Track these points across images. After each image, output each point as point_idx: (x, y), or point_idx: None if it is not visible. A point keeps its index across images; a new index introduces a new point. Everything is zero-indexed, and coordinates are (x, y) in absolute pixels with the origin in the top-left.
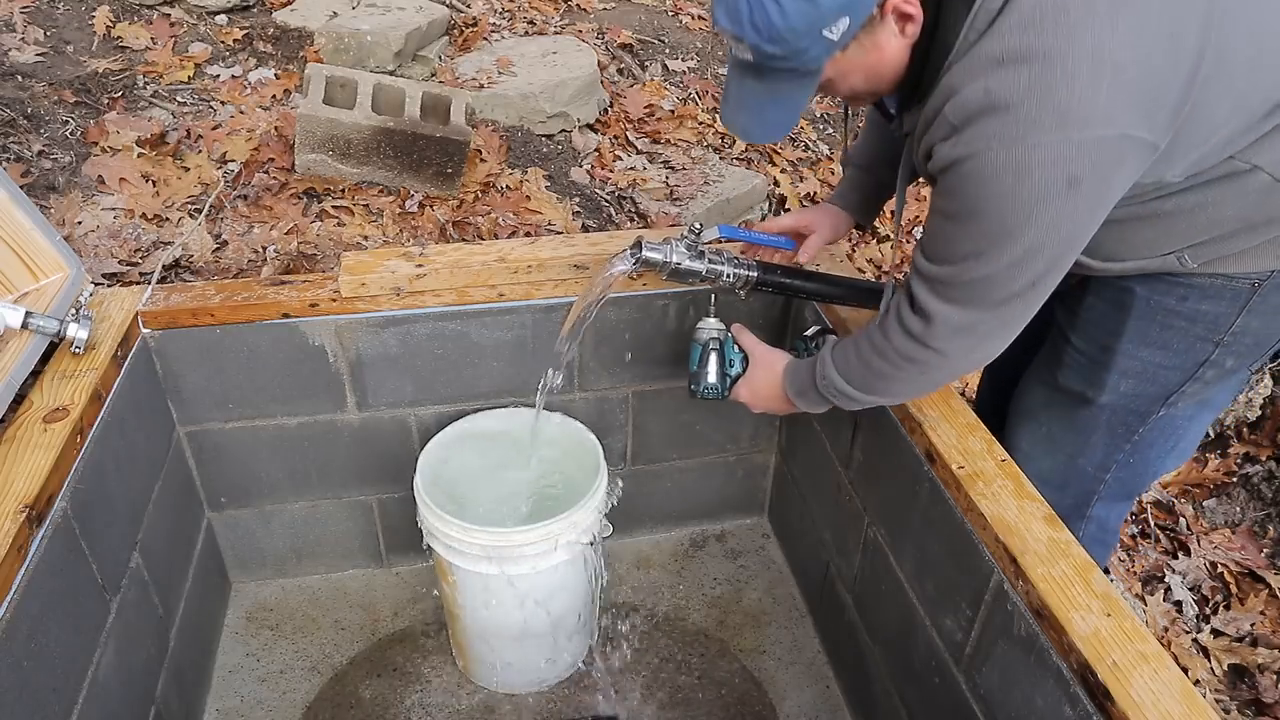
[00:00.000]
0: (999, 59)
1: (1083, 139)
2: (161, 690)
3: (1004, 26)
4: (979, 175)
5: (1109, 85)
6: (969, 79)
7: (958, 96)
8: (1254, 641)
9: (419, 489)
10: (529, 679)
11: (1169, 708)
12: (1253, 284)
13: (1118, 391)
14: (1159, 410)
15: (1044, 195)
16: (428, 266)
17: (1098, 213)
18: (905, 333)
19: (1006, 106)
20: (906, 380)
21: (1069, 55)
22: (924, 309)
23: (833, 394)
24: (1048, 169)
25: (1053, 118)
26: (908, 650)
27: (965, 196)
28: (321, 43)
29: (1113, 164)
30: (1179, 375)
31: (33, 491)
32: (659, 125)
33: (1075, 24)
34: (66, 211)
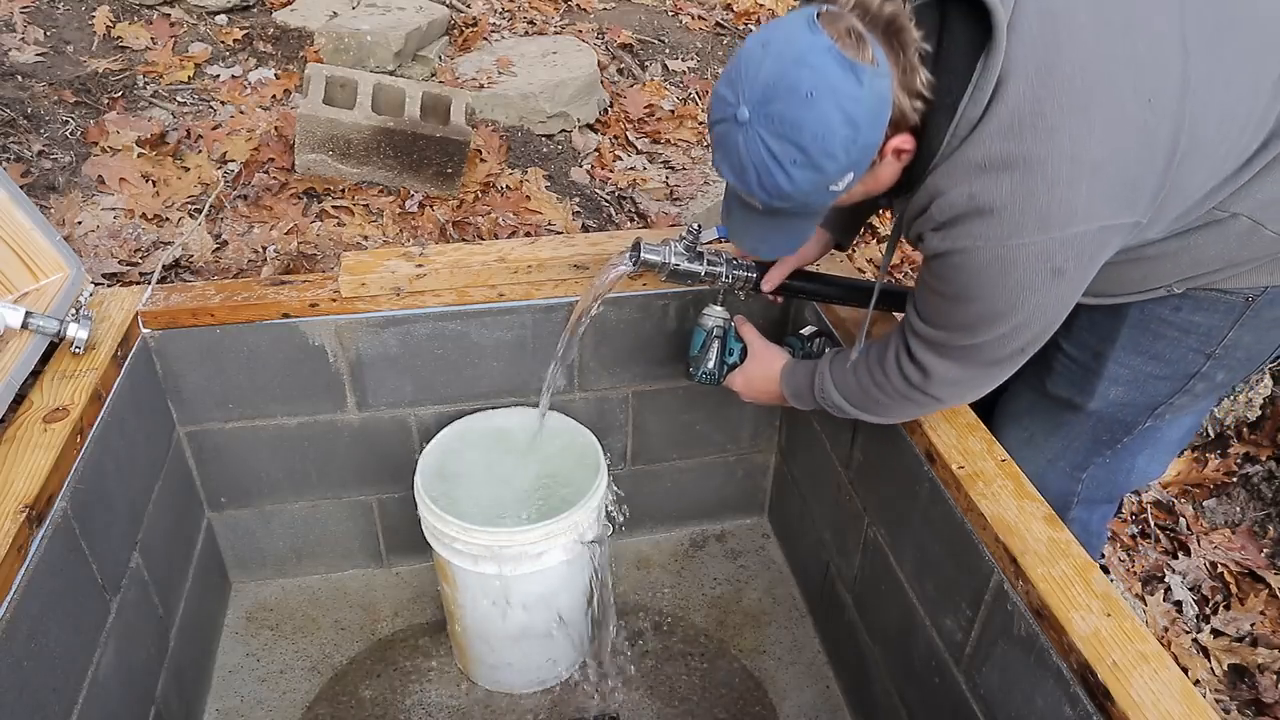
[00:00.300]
0: (981, 165)
1: (1065, 236)
2: (161, 690)
3: (985, 133)
4: (966, 267)
5: (1088, 185)
6: (953, 183)
7: (943, 198)
8: (1254, 641)
9: (419, 489)
10: (529, 679)
11: (1169, 708)
12: (1246, 298)
13: (1107, 399)
14: (1145, 421)
15: (1029, 285)
16: (428, 266)
17: (1081, 288)
18: (904, 378)
19: (991, 210)
20: (902, 410)
21: (1048, 160)
22: (920, 363)
23: (828, 405)
24: (1032, 263)
25: (1035, 220)
26: (908, 650)
27: (954, 283)
28: (321, 43)
29: (1096, 251)
30: (1168, 386)
31: (33, 491)
32: (659, 125)
33: (1053, 128)
34: (66, 211)
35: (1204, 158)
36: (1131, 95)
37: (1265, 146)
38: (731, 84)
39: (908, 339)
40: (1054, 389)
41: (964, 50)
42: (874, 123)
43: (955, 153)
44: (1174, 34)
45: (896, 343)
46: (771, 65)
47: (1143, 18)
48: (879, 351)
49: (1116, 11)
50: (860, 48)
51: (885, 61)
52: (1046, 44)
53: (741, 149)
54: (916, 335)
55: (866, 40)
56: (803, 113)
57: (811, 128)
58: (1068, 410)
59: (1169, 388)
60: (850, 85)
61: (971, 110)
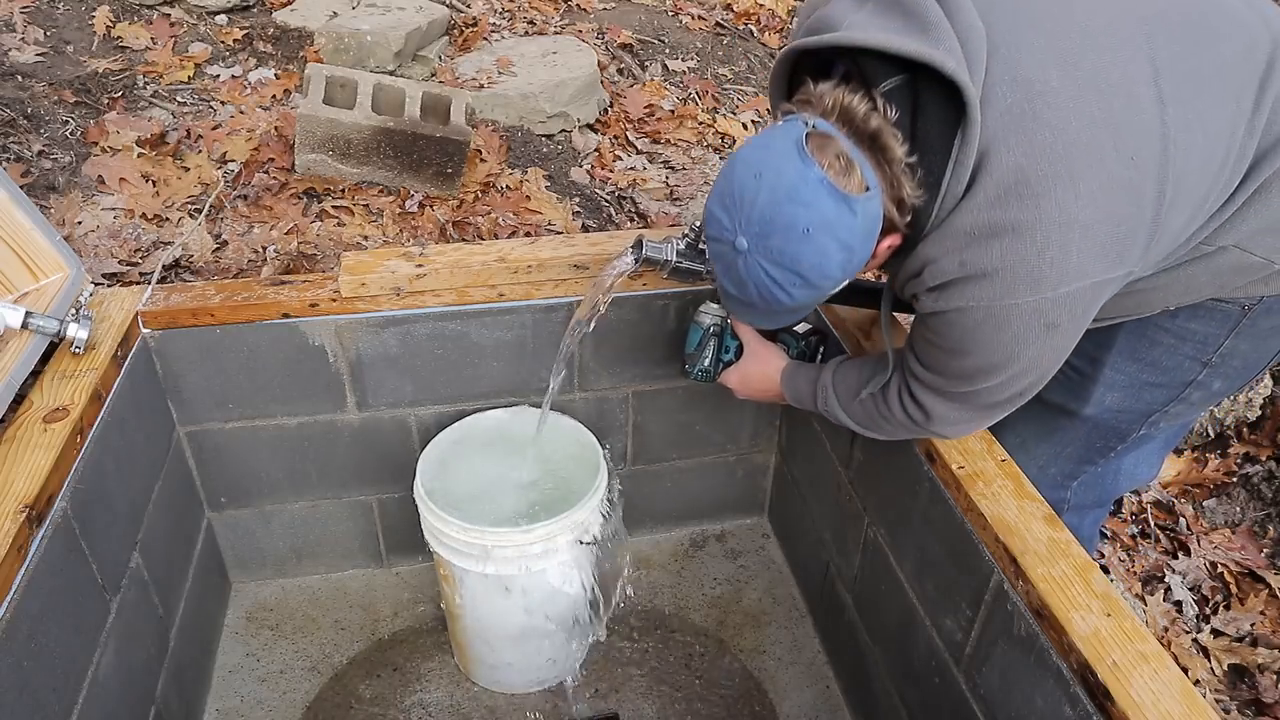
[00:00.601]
0: (971, 234)
1: (1057, 295)
2: (161, 690)
3: (972, 204)
4: (961, 325)
5: (1079, 246)
6: (944, 251)
7: (934, 265)
8: (1254, 641)
9: (419, 489)
10: (529, 679)
11: (1169, 708)
12: (1243, 307)
13: (1103, 405)
14: (1139, 429)
15: (1024, 340)
16: (428, 266)
17: (1077, 337)
18: (906, 415)
19: (983, 275)
20: (906, 436)
21: (1037, 225)
22: (921, 404)
23: (831, 418)
24: (1026, 320)
25: (1027, 283)
26: (908, 650)
27: (949, 338)
28: (321, 43)
29: (1089, 304)
30: (1164, 395)
31: (33, 491)
32: (659, 125)
33: (1039, 195)
34: (66, 211)
35: (1187, 201)
36: (1114, 155)
37: (1245, 181)
38: (726, 209)
39: (908, 380)
40: (1049, 395)
41: (940, 128)
42: (868, 241)
43: (944, 222)
44: (1149, 90)
45: (899, 381)
46: (766, 199)
47: (1117, 78)
48: (883, 385)
49: (1090, 75)
50: (850, 174)
51: (874, 179)
52: (1023, 112)
53: (742, 271)
54: (916, 378)
55: (855, 165)
56: (801, 247)
57: (810, 259)
58: (1062, 416)
59: (1165, 395)
60: (845, 217)
61: (955, 186)
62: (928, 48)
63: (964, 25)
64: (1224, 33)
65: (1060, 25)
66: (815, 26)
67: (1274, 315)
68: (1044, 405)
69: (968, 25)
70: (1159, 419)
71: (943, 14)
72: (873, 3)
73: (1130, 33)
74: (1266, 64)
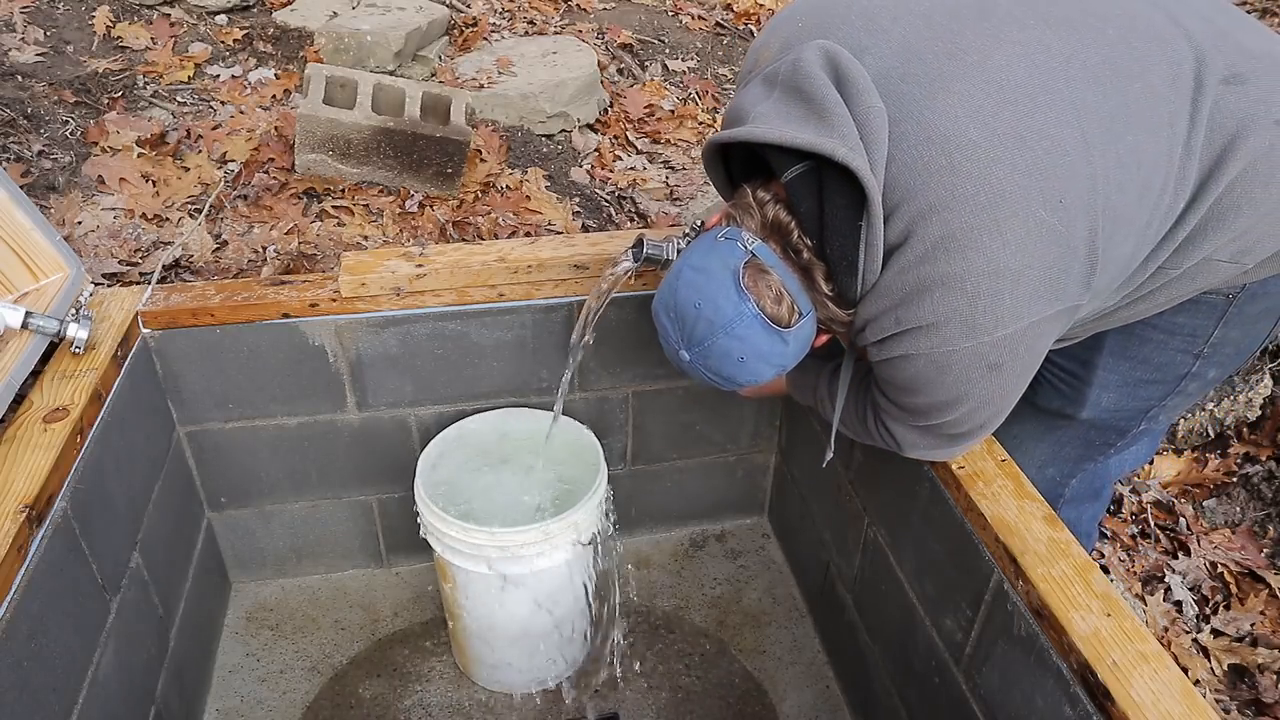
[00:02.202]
0: (903, 291)
1: (995, 339)
2: (161, 690)
3: (902, 262)
4: (906, 371)
5: (1010, 293)
6: (879, 311)
7: (873, 324)
8: (1254, 641)
9: (419, 489)
10: (529, 679)
11: (1169, 708)
12: (1227, 297)
13: (1099, 407)
14: (1139, 425)
15: (969, 380)
16: (428, 266)
17: (1029, 372)
18: (881, 439)
19: (917, 328)
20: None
21: (966, 277)
22: (892, 432)
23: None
24: (966, 364)
25: (962, 331)
26: (908, 650)
27: (899, 380)
28: (321, 43)
29: (1033, 342)
30: (1160, 390)
31: (33, 491)
32: (659, 125)
33: (964, 248)
34: (66, 211)
35: (1128, 232)
36: (1039, 200)
37: (1196, 201)
38: (672, 322)
39: (878, 408)
40: (1044, 402)
41: (846, 213)
42: (800, 354)
43: (876, 285)
44: (1072, 134)
45: (872, 410)
46: (705, 329)
47: (1038, 126)
48: (862, 409)
49: (1010, 126)
50: (782, 304)
51: (806, 303)
52: (941, 168)
53: (688, 369)
54: (881, 409)
55: (787, 296)
56: (737, 369)
57: (745, 377)
58: (1060, 420)
59: (1161, 390)
60: (777, 346)
61: (871, 264)
62: (822, 138)
63: (863, 109)
64: (1148, 60)
65: (975, 85)
66: (730, 118)
67: (1260, 300)
68: (1040, 410)
69: (866, 108)
70: (1157, 413)
71: (840, 100)
72: (779, 90)
73: (1047, 81)
74: (1194, 82)
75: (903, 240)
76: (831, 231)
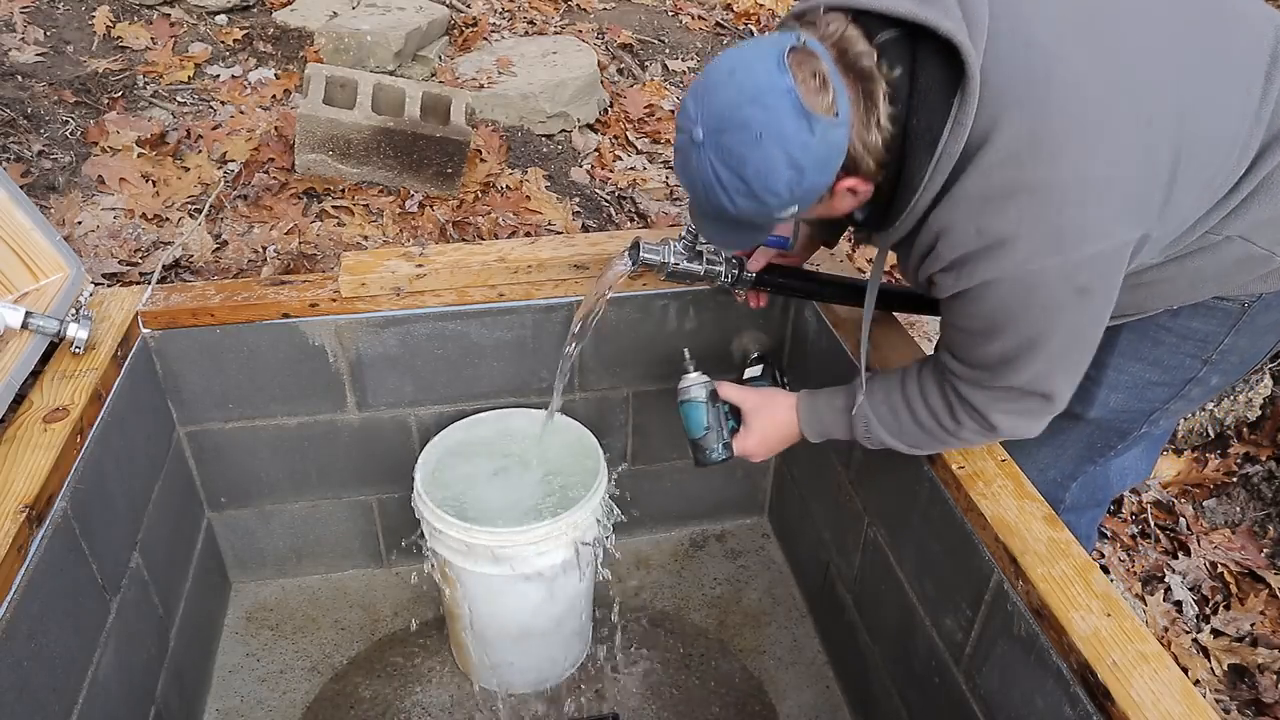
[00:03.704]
0: (985, 197)
1: (1082, 256)
2: (161, 690)
3: (984, 165)
4: (988, 302)
5: (1097, 204)
6: (958, 219)
7: (949, 237)
8: (1254, 641)
9: (419, 489)
10: (529, 679)
11: (1169, 708)
12: (1242, 304)
13: (1107, 407)
14: (1141, 428)
15: (1057, 307)
16: (428, 266)
17: (1111, 304)
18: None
19: (1002, 241)
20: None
21: (1053, 184)
22: (976, 409)
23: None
24: (1055, 285)
25: (1050, 243)
26: (908, 650)
27: (979, 318)
28: (321, 43)
29: (1116, 267)
30: (1166, 392)
31: (33, 491)
32: (659, 125)
33: (1053, 154)
34: (66, 211)
35: (1196, 180)
36: (1131, 118)
37: (1250, 171)
38: (695, 98)
39: (955, 383)
40: None
41: (939, 87)
42: (822, 168)
43: (955, 187)
44: (1168, 62)
45: (951, 391)
46: (732, 95)
47: (1135, 48)
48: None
49: (1108, 44)
50: (822, 95)
51: (847, 111)
52: (1034, 75)
53: (694, 166)
54: (959, 378)
55: (830, 88)
56: (750, 151)
57: (755, 165)
58: (1065, 420)
59: (1167, 393)
60: (801, 133)
61: (952, 145)
62: (925, 9)
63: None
64: (1234, 20)
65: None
66: None
67: (1271, 311)
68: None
69: None
70: (1159, 416)
71: None
72: None
73: (1150, 11)
74: (1271, 56)
75: (986, 139)
76: (920, 101)
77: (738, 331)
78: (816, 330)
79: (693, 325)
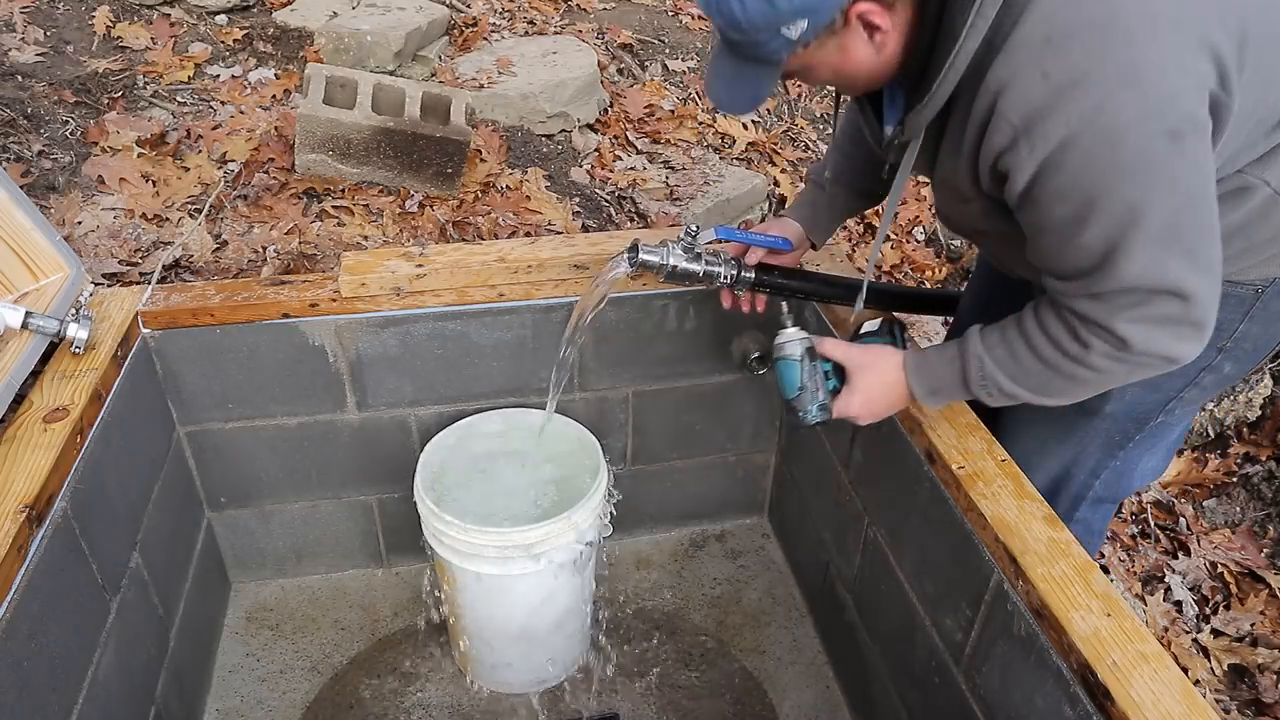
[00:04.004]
0: (1046, 39)
1: (1162, 93)
2: (161, 690)
3: (1041, 9)
4: (1070, 168)
5: (1169, 38)
6: (1017, 69)
7: (1010, 91)
8: (1254, 641)
9: (419, 489)
10: (529, 679)
11: (1169, 708)
12: (1256, 290)
13: (1123, 400)
14: (1157, 417)
15: (1150, 161)
16: (428, 266)
17: (1210, 164)
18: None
19: (1072, 83)
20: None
21: (1118, 15)
22: (1101, 324)
23: (993, 393)
24: (1141, 131)
25: (1123, 77)
26: (908, 650)
27: (1066, 198)
28: (321, 43)
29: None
30: (1180, 381)
31: (33, 491)
32: (659, 125)
33: None
34: (66, 211)
35: (1254, 84)
36: None
37: None
38: None
39: (1075, 307)
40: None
41: None
42: None
43: (1012, 34)
44: None
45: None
46: None
47: None
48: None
49: None
50: None
51: None
52: None
53: None
54: (1075, 296)
55: None
56: None
57: None
58: (1082, 416)
59: (1181, 382)
60: None
61: None
62: None
63: None
64: None
65: None
66: None
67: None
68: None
69: None
70: (1174, 405)
71: None
72: None
73: None
74: None
75: None
76: None
77: (738, 332)
78: (816, 330)
79: (693, 325)
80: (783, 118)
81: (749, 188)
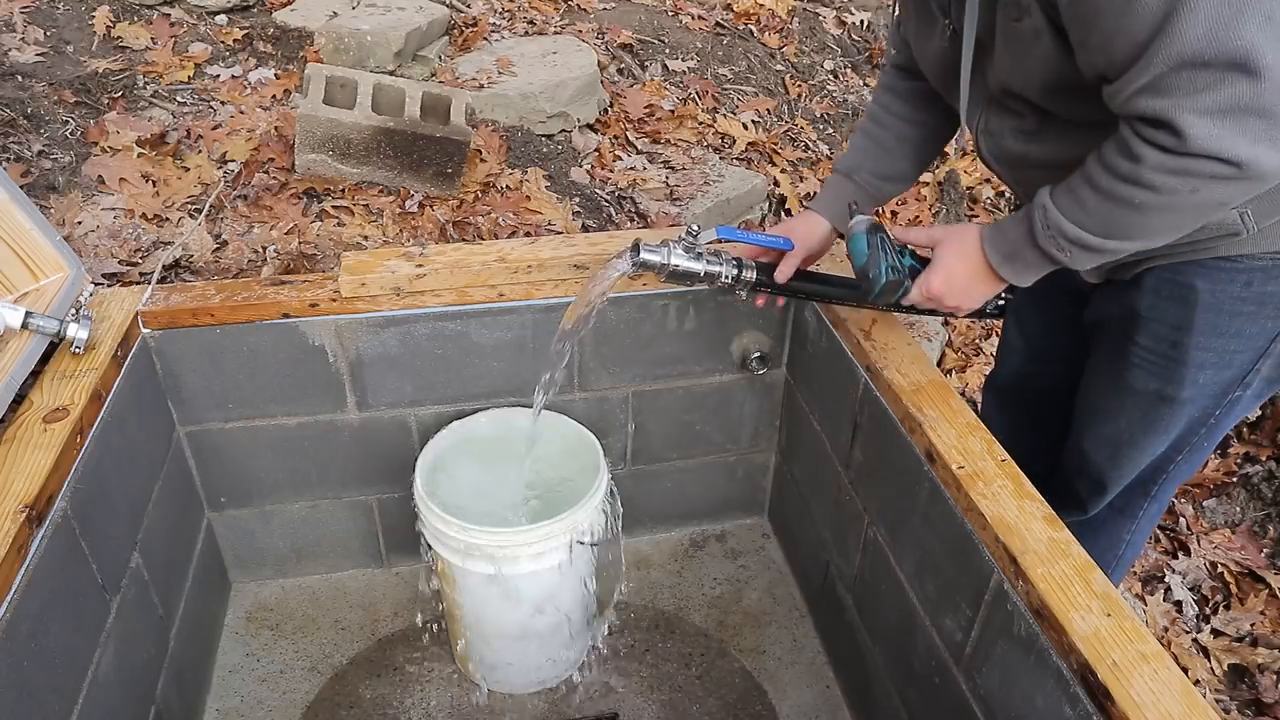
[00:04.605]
0: None
1: None
2: (161, 690)
3: None
4: None
5: None
6: None
7: None
8: (1254, 641)
9: (419, 489)
10: (529, 679)
11: (1169, 708)
12: None
13: (1197, 384)
14: (1235, 391)
15: None
16: (428, 266)
17: None
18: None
19: None
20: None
21: None
22: (1161, 118)
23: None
24: None
25: None
26: (908, 650)
27: None
28: (321, 43)
29: None
30: (1252, 354)
31: (33, 491)
32: (659, 125)
33: None
34: (66, 211)
35: None
36: None
37: None
38: None
39: (1132, 107)
40: (1137, 382)
41: None
42: None
43: None
44: None
45: (1124, 129)
46: None
47: None
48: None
49: None
50: None
51: None
52: None
53: None
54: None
55: None
56: None
57: None
58: (1161, 404)
59: (1252, 355)
60: None
61: None
62: None
63: None
64: None
65: None
66: None
67: None
68: (1137, 395)
69: None
70: (1251, 379)
71: None
72: None
73: None
74: None
75: None
76: None
77: (738, 331)
78: (816, 330)
79: (693, 325)
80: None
81: (749, 188)
